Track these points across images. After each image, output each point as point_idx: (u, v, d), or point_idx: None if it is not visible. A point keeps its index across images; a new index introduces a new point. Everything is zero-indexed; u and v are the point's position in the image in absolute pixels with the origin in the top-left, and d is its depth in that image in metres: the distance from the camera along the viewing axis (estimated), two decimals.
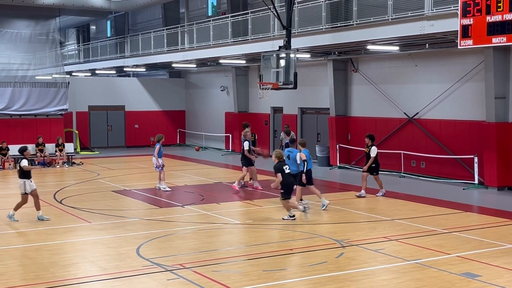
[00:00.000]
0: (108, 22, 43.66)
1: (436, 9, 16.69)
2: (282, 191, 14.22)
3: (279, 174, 14.02)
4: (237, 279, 9.58)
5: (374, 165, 17.79)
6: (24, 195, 14.33)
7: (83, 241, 12.46)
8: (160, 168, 19.12)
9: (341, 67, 24.96)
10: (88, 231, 13.41)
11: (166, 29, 31.44)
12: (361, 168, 18.74)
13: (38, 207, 14.42)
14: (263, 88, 19.45)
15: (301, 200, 15.76)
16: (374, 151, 17.73)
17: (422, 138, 21.94)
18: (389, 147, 22.84)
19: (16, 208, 14.36)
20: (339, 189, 19.89)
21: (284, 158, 14.60)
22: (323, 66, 25.68)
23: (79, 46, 45.45)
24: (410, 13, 17.68)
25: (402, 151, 22.22)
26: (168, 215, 15.14)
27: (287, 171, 14.17)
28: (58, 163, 26.37)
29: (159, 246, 11.84)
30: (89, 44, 42.68)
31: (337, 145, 24.69)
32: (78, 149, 32.06)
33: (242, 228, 13.77)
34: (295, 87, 18.98)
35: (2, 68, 31.79)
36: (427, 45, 20.48)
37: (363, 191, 17.67)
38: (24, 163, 14.38)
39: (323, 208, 15.49)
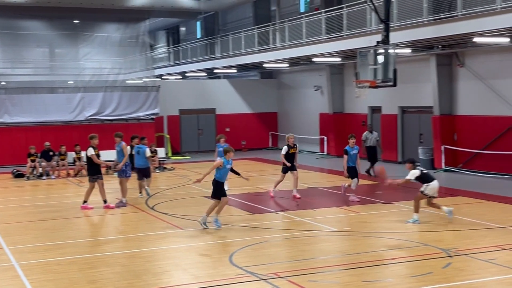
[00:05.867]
0: (198, 23, 44.62)
1: None
2: None
3: None
4: None
5: None
6: None
7: (175, 248, 12.79)
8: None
9: (445, 62, 24.28)
10: (180, 237, 13.75)
11: (257, 28, 31.77)
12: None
13: None
14: (359, 87, 19.30)
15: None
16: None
17: None
18: (500, 148, 21.96)
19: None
20: (445, 194, 19.32)
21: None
22: (425, 61, 25.07)
23: (169, 48, 46.74)
24: None
25: None
26: (261, 221, 15.28)
27: None
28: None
29: (252, 254, 11.96)
30: (179, 46, 43.79)
31: (442, 147, 24.02)
32: (170, 154, 32.79)
33: (339, 235, 13.68)
34: (394, 85, 18.73)
35: (93, 73, 33.10)
36: None
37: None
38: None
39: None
